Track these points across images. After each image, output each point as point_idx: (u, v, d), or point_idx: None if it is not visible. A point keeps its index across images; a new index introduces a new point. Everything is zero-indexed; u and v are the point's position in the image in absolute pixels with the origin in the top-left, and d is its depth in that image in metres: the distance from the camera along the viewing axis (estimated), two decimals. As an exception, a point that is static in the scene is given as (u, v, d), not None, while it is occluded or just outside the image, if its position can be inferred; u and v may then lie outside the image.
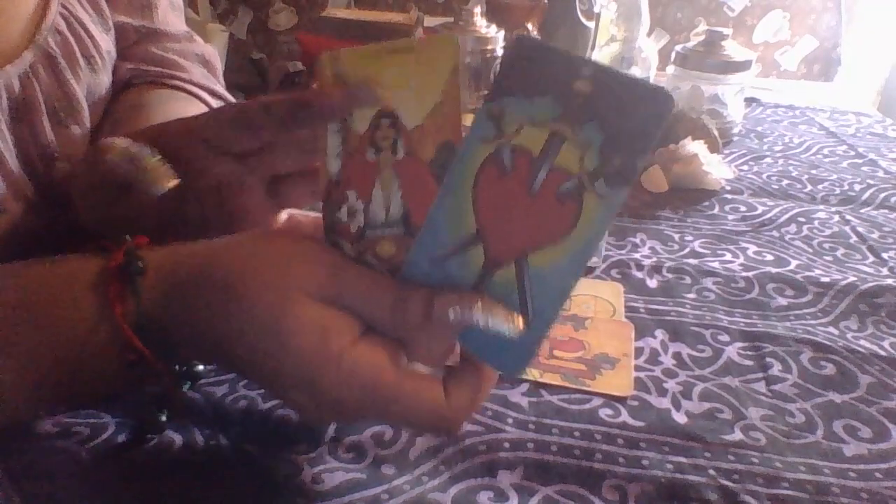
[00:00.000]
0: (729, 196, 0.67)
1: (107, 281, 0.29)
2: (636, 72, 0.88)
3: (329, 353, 0.27)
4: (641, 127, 0.25)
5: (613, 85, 0.25)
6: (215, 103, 0.53)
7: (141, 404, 0.36)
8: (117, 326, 0.29)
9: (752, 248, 0.57)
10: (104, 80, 0.47)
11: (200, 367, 0.38)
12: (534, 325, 0.28)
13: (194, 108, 0.50)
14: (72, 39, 0.44)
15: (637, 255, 0.55)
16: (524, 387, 0.40)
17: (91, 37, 0.46)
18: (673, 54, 0.85)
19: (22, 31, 0.41)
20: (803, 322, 0.47)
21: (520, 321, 0.27)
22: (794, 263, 0.55)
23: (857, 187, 0.70)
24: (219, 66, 0.58)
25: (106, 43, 0.48)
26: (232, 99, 0.55)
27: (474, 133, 0.27)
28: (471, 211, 0.28)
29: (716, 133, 0.73)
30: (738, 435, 0.37)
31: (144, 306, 0.29)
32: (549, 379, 0.40)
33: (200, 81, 0.54)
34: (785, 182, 0.71)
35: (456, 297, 0.28)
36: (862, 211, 0.65)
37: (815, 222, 0.62)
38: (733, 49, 0.82)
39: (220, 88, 0.55)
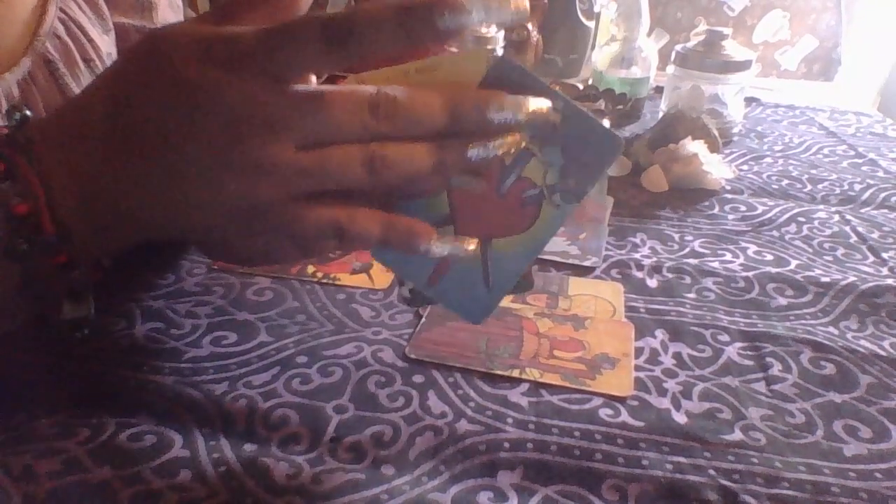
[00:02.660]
0: (729, 196, 0.67)
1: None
2: (636, 72, 0.88)
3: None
4: (594, 160, 0.31)
5: (576, 121, 0.30)
6: None
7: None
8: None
9: (752, 248, 0.57)
10: None
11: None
12: (493, 291, 0.33)
13: None
14: (71, 44, 0.44)
15: (637, 255, 0.55)
16: (524, 387, 0.40)
17: (90, 40, 0.45)
18: (673, 54, 0.85)
19: (19, 37, 0.40)
20: (803, 322, 0.47)
21: (470, 243, 0.31)
22: (794, 263, 0.55)
23: (857, 187, 0.70)
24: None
25: (106, 45, 0.48)
26: None
27: None
28: (445, 198, 0.33)
29: (716, 133, 0.73)
30: (738, 435, 0.37)
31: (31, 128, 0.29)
32: (549, 379, 0.40)
33: None
34: (785, 182, 0.71)
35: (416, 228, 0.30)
36: (862, 211, 0.65)
37: (815, 222, 0.62)
38: (733, 49, 0.82)
39: None
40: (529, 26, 0.88)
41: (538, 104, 0.29)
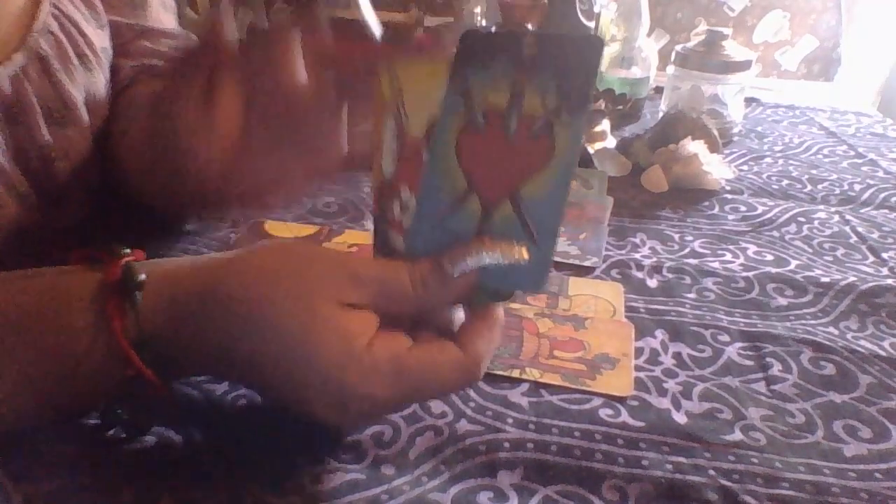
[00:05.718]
0: (729, 196, 0.67)
1: (105, 296, 0.29)
2: (636, 72, 0.88)
3: (353, 354, 0.28)
4: (583, 68, 0.30)
5: (553, 44, 0.30)
6: None
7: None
8: (115, 342, 0.29)
9: (752, 248, 0.57)
10: (100, 77, 0.47)
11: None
12: (541, 244, 0.30)
13: None
14: (64, 39, 0.44)
15: (637, 255, 0.55)
16: (524, 387, 0.40)
17: (84, 35, 0.45)
18: (673, 54, 0.85)
19: (12, 32, 0.41)
20: (803, 322, 0.47)
21: (523, 250, 0.30)
22: (794, 263, 0.55)
23: (857, 187, 0.70)
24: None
25: (100, 40, 0.48)
26: None
27: (447, 108, 0.31)
28: (458, 170, 0.31)
29: (716, 133, 0.73)
30: (738, 435, 0.37)
31: (144, 322, 0.29)
32: (549, 379, 0.40)
33: None
34: (785, 182, 0.71)
35: (461, 249, 0.30)
36: (862, 211, 0.65)
37: (815, 222, 0.62)
38: (733, 49, 0.82)
39: None
40: (529, 26, 0.88)
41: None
